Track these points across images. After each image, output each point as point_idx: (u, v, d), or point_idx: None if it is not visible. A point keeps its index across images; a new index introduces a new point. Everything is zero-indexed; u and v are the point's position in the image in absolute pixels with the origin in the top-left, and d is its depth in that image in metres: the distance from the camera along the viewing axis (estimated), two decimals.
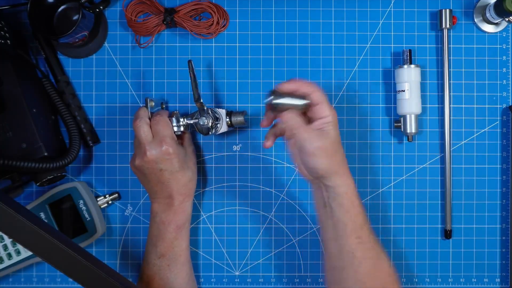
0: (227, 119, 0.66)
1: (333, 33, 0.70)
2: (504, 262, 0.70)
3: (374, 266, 0.58)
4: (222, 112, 0.66)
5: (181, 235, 0.64)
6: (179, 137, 0.65)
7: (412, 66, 0.66)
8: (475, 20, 0.69)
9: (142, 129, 0.60)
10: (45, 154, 0.63)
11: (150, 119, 0.62)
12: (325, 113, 0.56)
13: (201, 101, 0.63)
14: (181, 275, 0.64)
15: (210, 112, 0.65)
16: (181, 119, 0.64)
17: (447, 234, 0.69)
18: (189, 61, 0.63)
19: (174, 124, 0.63)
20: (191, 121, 0.64)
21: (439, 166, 0.70)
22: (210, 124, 0.64)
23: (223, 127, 0.66)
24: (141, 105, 0.70)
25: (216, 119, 0.65)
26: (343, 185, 0.57)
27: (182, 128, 0.64)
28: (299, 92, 0.57)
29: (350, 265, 0.58)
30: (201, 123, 0.64)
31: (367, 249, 0.57)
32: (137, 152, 0.61)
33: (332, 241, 0.59)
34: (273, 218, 0.71)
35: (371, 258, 0.58)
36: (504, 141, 0.70)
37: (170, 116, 0.63)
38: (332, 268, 0.60)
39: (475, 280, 0.70)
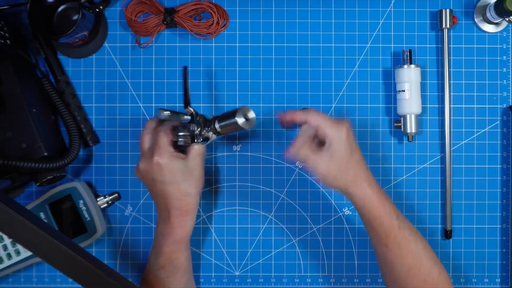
0: (217, 126, 0.61)
1: (333, 33, 0.70)
2: (504, 262, 0.70)
3: (407, 275, 0.59)
4: (211, 119, 0.61)
5: (179, 249, 0.62)
6: (185, 150, 0.61)
7: (412, 66, 0.66)
8: (475, 20, 0.69)
9: (142, 139, 0.61)
10: (45, 154, 0.63)
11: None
12: (326, 134, 0.57)
13: (189, 107, 0.61)
14: (180, 285, 0.63)
15: (199, 119, 0.61)
16: (181, 132, 0.60)
17: (447, 234, 0.69)
18: (185, 67, 0.63)
19: (180, 133, 0.60)
20: (186, 133, 0.60)
21: (439, 166, 0.70)
22: (197, 131, 0.60)
23: (211, 137, 0.62)
24: (141, 104, 0.70)
25: (206, 126, 0.61)
26: (359, 199, 0.58)
27: (181, 138, 0.60)
28: (296, 122, 0.59)
29: (382, 267, 0.62)
30: (191, 129, 0.60)
31: (395, 256, 0.59)
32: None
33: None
34: (273, 218, 0.71)
35: (403, 265, 0.59)
36: (504, 141, 0.70)
37: (174, 126, 0.61)
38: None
39: (475, 280, 0.70)
